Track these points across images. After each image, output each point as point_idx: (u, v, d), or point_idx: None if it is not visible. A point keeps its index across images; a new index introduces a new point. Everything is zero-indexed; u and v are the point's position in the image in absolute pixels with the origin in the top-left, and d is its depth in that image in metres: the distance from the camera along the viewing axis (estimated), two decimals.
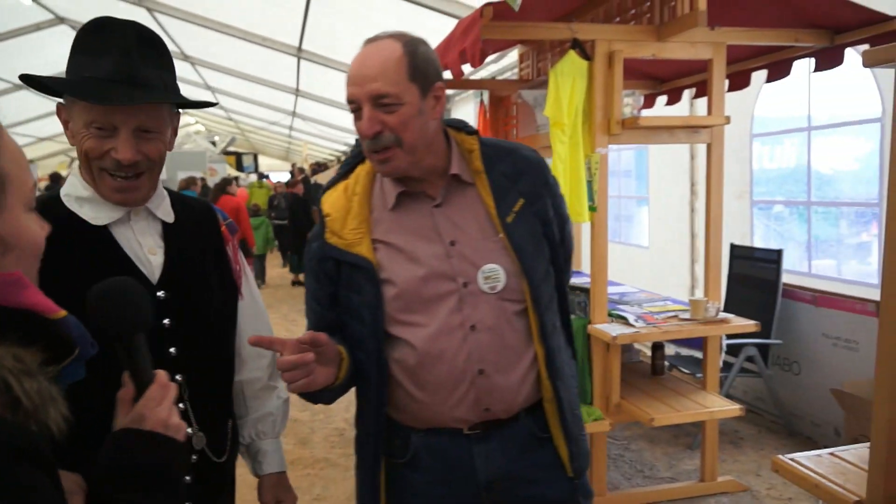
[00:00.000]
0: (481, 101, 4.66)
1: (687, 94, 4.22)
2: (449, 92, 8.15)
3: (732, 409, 2.96)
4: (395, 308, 1.37)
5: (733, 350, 3.73)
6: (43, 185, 12.75)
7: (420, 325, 1.36)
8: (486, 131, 4.41)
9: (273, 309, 8.44)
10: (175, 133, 1.36)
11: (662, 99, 4.29)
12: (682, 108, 4.43)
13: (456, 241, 1.37)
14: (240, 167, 20.56)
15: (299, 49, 8.51)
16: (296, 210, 10.12)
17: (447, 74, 3.33)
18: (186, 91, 10.64)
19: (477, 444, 1.40)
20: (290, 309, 8.47)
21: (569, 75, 2.96)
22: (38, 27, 9.88)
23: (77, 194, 1.28)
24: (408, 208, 1.39)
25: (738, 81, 3.66)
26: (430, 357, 1.35)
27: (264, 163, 26.57)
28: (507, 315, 1.38)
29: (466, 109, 7.91)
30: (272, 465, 1.53)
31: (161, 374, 0.93)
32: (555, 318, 1.45)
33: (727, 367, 3.76)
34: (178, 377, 1.29)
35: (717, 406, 2.98)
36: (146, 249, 1.31)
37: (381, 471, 1.44)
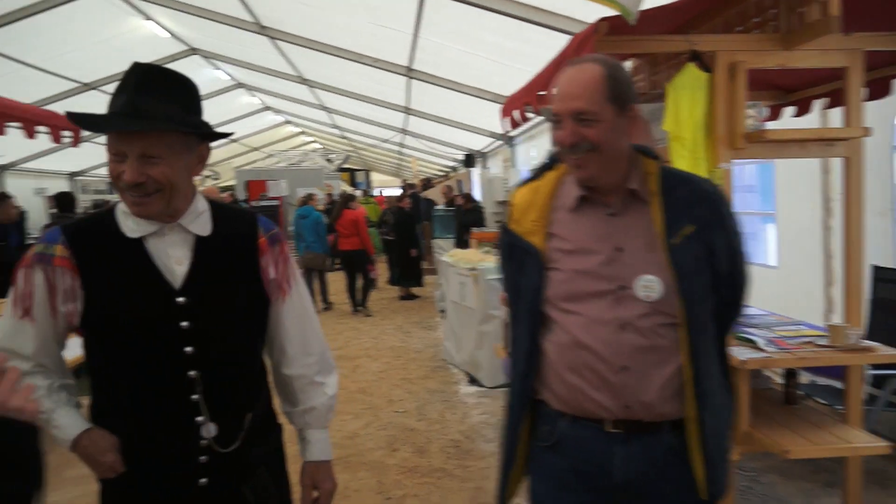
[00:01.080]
0: None
1: (818, 104, 3.94)
2: None
3: (879, 445, 2.70)
4: (556, 295, 1.54)
5: (877, 381, 3.42)
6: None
7: (575, 314, 1.52)
8: None
9: (388, 320, 8.67)
10: (201, 160, 1.50)
11: (789, 110, 4.02)
12: (812, 120, 4.14)
13: (622, 248, 1.51)
14: (353, 183, 21.33)
15: (409, 69, 8.74)
16: (402, 224, 10.30)
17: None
18: (303, 111, 11.16)
19: (619, 444, 1.52)
20: (405, 320, 8.64)
21: (688, 88, 2.85)
22: (173, 58, 10.76)
23: (124, 209, 1.47)
24: (585, 212, 1.56)
25: (878, 90, 3.37)
26: (580, 344, 1.51)
27: (376, 179, 27.43)
28: (658, 324, 1.49)
29: None
30: (314, 454, 1.67)
31: None
32: (709, 344, 1.52)
33: (871, 400, 3.44)
34: (191, 373, 1.46)
35: (861, 441, 2.73)
36: (173, 260, 1.47)
37: (518, 445, 1.62)
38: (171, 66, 7.78)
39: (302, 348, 1.65)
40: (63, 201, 6.55)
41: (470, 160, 13.14)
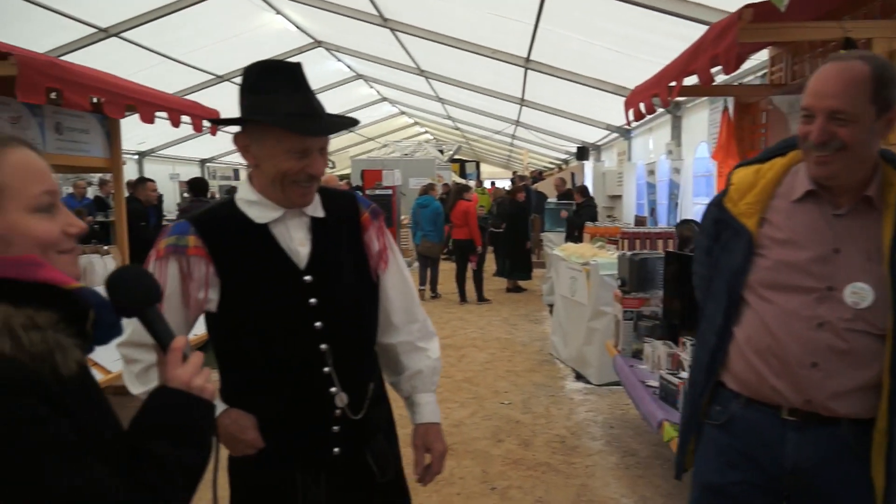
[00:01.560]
0: (725, 108, 4.36)
1: None
2: (680, 98, 7.77)
3: None
4: (757, 280, 1.55)
5: None
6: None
7: (773, 303, 1.53)
8: (729, 140, 4.12)
9: (494, 311, 8.69)
10: None
11: None
12: None
13: (840, 250, 1.49)
14: (463, 174, 21.49)
15: (527, 60, 8.65)
16: (514, 216, 10.25)
17: (693, 80, 3.17)
18: (417, 102, 11.43)
19: (792, 430, 1.53)
20: (511, 313, 8.63)
21: None
22: (300, 50, 11.26)
23: (247, 198, 1.55)
24: (808, 206, 1.53)
25: None
26: (771, 332, 1.52)
27: (485, 170, 27.50)
28: (860, 332, 1.46)
29: (699, 116, 7.44)
30: (424, 416, 1.71)
31: (177, 340, 1.07)
32: None
33: None
34: (322, 346, 1.53)
35: None
36: (296, 242, 1.55)
37: (698, 417, 1.67)
38: (297, 58, 8.16)
39: (406, 317, 1.72)
40: (196, 186, 7.00)
41: (583, 153, 12.88)
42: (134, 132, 9.74)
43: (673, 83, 3.33)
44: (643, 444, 4.19)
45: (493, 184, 19.41)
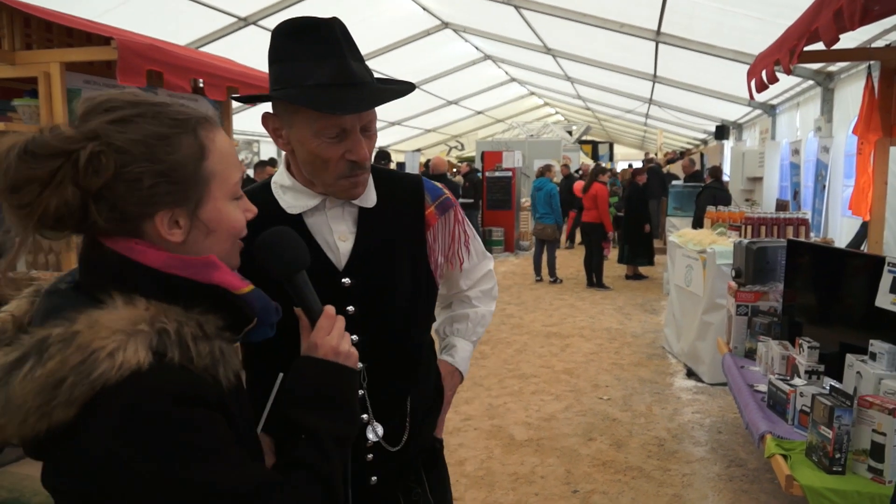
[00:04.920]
0: (868, 76, 3.76)
1: None
2: (831, 69, 6.90)
3: None
4: None
5: None
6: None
7: None
8: (871, 111, 3.55)
9: (609, 299, 8.30)
10: None
11: None
12: None
13: None
14: (595, 156, 20.78)
15: (657, 32, 8.11)
16: (633, 200, 9.76)
17: (819, 46, 2.73)
18: (546, 81, 11.04)
19: None
20: (627, 301, 8.20)
21: None
22: (427, 32, 11.31)
23: (282, 182, 1.34)
24: None
25: None
26: None
27: (619, 151, 26.44)
28: None
29: (855, 87, 6.57)
30: (454, 359, 1.60)
31: (329, 307, 1.05)
32: None
33: None
34: (359, 365, 1.26)
35: None
36: (337, 236, 1.32)
37: None
38: (425, 40, 8.22)
39: (475, 282, 1.64)
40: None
41: (722, 131, 11.93)
42: None
43: (794, 48, 2.88)
44: (753, 453, 3.76)
45: (629, 165, 18.60)
